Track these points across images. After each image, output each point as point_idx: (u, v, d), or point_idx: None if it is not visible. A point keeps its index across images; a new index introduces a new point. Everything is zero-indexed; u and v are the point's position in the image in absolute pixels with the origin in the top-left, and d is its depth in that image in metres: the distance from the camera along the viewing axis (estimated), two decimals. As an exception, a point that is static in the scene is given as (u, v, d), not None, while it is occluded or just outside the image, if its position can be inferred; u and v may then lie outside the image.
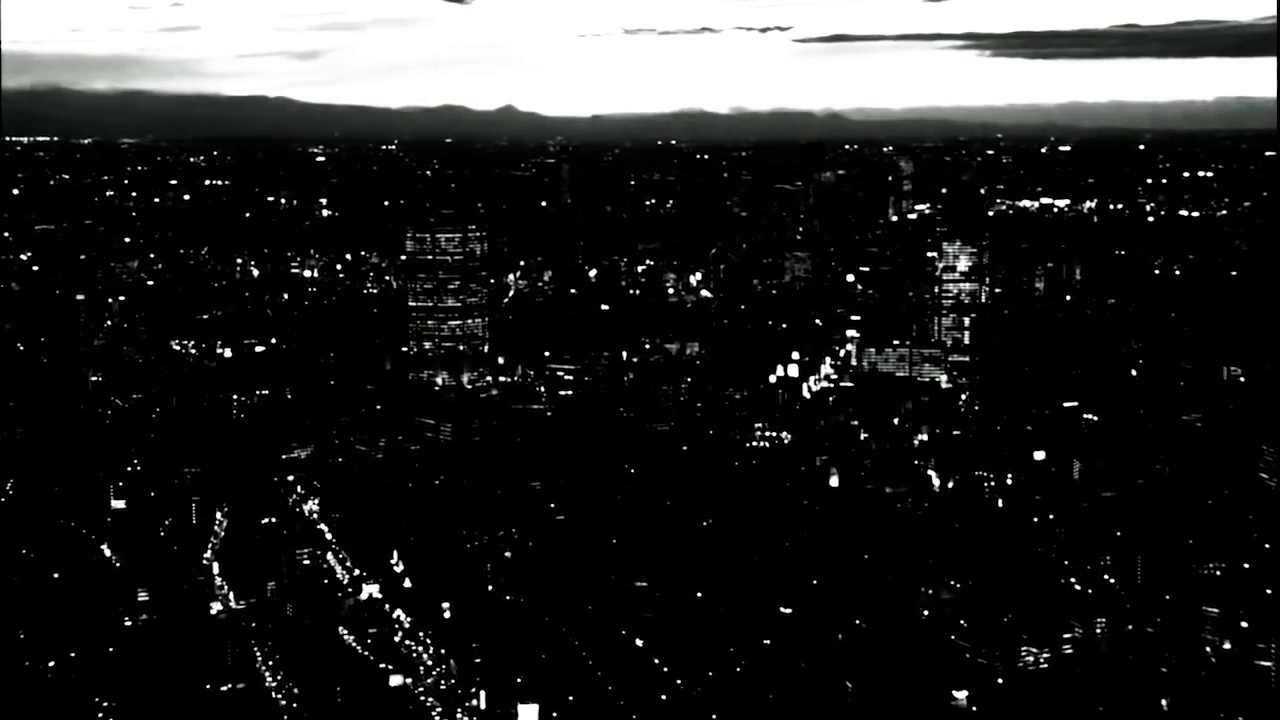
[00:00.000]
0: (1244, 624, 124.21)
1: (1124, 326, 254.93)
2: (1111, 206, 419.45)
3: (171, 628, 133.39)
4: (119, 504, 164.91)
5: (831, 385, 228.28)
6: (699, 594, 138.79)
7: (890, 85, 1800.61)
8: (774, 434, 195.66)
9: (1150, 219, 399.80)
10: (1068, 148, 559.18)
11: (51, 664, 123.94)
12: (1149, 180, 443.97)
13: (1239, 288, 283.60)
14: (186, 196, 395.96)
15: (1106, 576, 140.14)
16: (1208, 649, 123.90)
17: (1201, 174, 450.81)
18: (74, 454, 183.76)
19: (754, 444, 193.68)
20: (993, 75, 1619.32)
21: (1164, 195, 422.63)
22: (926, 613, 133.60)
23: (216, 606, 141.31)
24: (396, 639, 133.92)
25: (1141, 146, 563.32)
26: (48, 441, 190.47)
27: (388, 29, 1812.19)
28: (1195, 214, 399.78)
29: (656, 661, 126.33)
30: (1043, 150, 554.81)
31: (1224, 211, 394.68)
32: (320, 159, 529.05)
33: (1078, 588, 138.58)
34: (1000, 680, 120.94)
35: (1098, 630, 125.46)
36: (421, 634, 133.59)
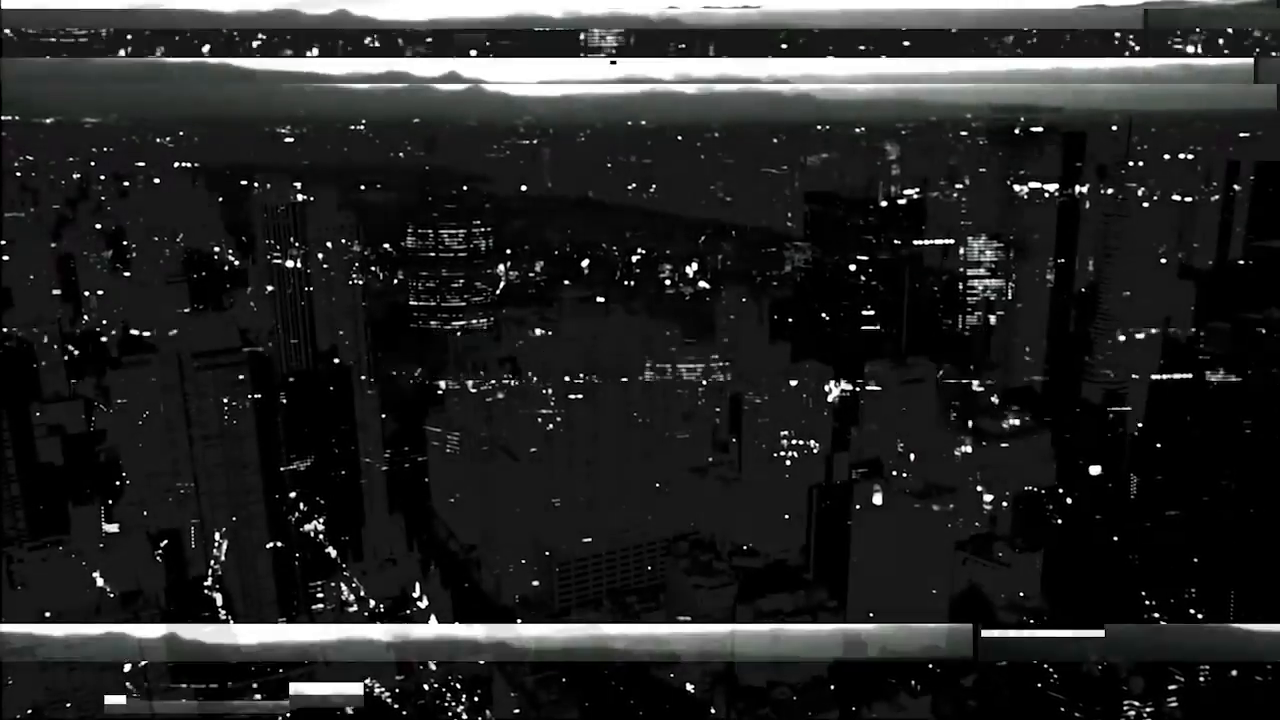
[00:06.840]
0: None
1: (1145, 321, 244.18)
2: (1103, 191, 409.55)
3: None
4: (111, 527, 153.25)
5: (856, 389, 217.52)
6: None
7: (856, 65, 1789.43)
8: (801, 443, 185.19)
9: (1144, 204, 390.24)
10: (1039, 129, 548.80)
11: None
12: (1130, 164, 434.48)
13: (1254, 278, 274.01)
14: (156, 181, 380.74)
15: (1193, 610, 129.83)
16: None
17: (1183, 156, 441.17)
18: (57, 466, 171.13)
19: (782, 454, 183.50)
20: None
21: (1154, 179, 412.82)
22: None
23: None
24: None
25: (1114, 127, 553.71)
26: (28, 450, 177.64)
27: (350, 5, 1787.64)
28: (1189, 199, 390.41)
29: None
30: (1015, 131, 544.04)
31: (1215, 197, 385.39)
32: (289, 140, 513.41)
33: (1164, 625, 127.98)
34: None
35: (1201, 679, 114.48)
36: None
